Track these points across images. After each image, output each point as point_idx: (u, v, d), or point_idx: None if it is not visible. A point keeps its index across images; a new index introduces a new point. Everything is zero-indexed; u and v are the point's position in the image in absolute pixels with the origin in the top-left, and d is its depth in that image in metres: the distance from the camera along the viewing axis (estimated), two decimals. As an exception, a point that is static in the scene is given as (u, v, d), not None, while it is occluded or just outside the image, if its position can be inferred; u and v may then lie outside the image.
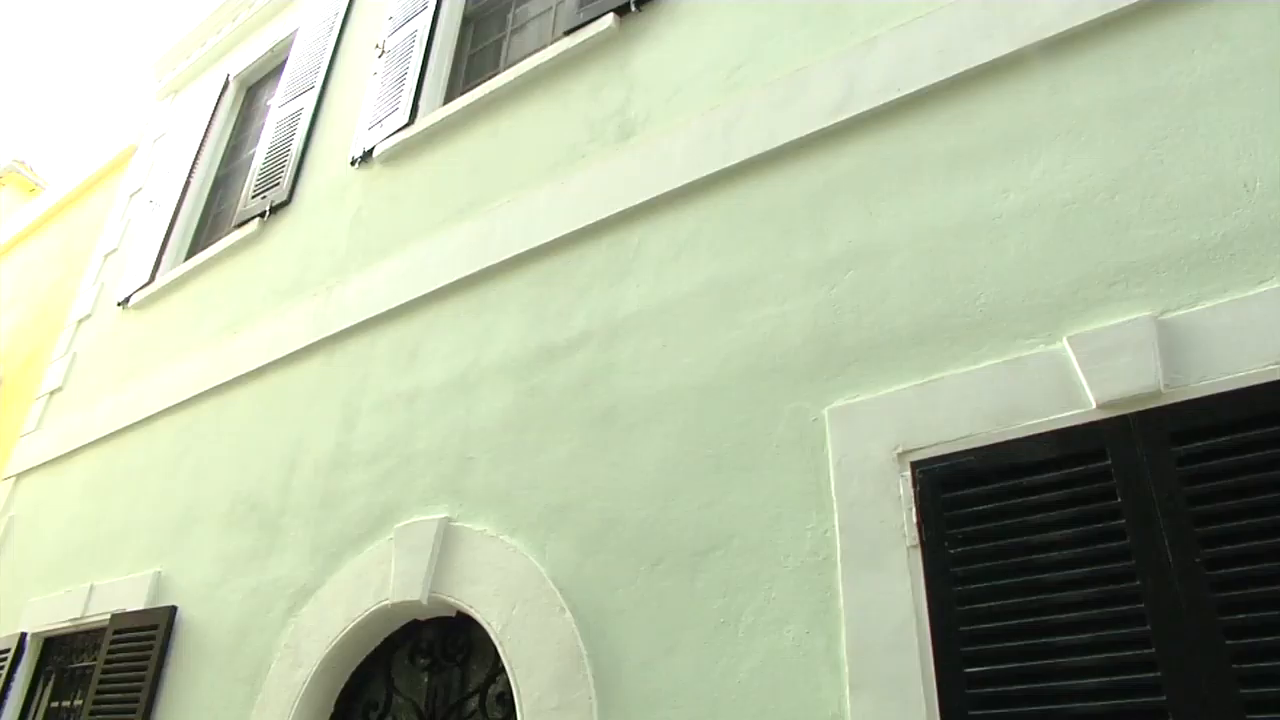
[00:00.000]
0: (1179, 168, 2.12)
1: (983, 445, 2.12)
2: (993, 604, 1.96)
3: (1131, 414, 1.96)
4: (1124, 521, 1.88)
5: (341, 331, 4.00)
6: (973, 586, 2.01)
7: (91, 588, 4.56)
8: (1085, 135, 2.29)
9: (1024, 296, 2.21)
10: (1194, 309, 1.98)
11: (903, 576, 2.10)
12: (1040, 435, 2.05)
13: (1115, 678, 1.77)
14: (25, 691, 4.78)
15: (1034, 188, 2.31)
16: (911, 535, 2.12)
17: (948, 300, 2.32)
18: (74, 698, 4.52)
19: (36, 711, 4.74)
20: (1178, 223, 2.08)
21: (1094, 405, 2.00)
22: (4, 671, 4.76)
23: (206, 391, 4.61)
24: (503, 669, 2.73)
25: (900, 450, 2.22)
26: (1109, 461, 1.95)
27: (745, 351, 2.62)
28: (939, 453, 2.17)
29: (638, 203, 3.12)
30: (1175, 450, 1.88)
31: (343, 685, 3.25)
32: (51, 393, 6.20)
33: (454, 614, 3.02)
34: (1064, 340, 2.09)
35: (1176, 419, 1.91)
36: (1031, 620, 1.90)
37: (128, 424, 5.08)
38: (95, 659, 4.26)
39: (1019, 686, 1.86)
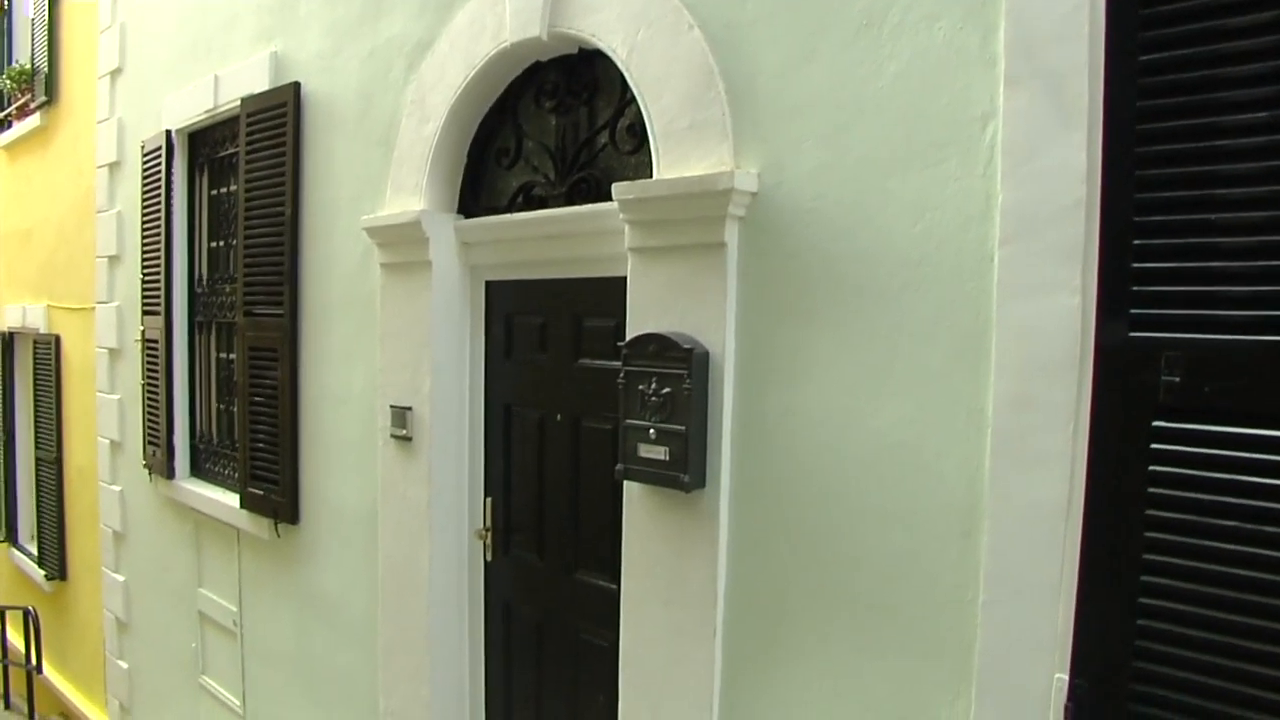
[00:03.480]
0: None
1: None
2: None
3: None
4: None
5: None
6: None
7: (216, 78, 4.63)
8: None
9: None
10: None
11: (1075, -44, 1.82)
12: None
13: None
14: (186, 183, 5.14)
15: None
16: (1096, -97, 1.79)
17: None
18: (228, 184, 4.84)
19: (201, 200, 5.12)
20: None
21: None
22: (163, 164, 5.07)
23: None
24: (631, 99, 2.67)
25: None
26: None
27: None
28: None
29: None
30: None
31: (473, 135, 3.29)
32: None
33: (576, 51, 2.91)
34: None
35: None
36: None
37: (206, -96, 4.76)
38: (237, 146, 4.46)
39: (1198, 73, 1.67)
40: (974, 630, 1.95)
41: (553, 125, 3.08)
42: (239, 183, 4.43)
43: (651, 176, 2.53)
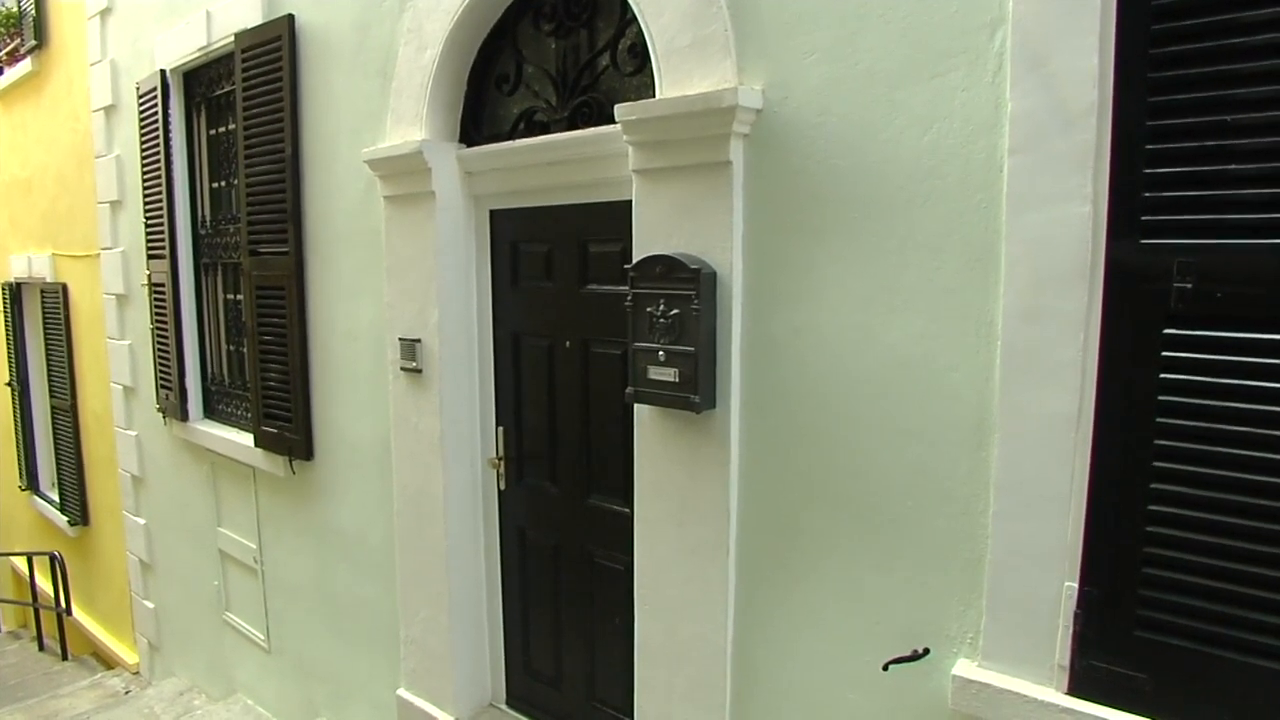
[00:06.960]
0: None
1: None
2: None
3: None
4: None
5: None
6: None
7: (208, 14, 4.54)
8: None
9: None
10: None
11: None
12: None
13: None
14: (184, 124, 5.06)
15: None
16: None
17: None
18: (227, 124, 4.77)
19: (200, 141, 5.06)
20: None
21: None
22: (160, 105, 5.00)
23: None
24: (631, 19, 2.61)
25: None
26: None
27: None
28: None
29: None
30: None
31: (471, 61, 3.23)
32: None
33: (573, -32, 2.85)
34: None
35: None
36: None
37: None
38: (233, 83, 4.39)
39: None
40: (985, 541, 1.97)
41: (552, 49, 3.02)
42: (237, 121, 4.37)
43: (654, 97, 2.49)
